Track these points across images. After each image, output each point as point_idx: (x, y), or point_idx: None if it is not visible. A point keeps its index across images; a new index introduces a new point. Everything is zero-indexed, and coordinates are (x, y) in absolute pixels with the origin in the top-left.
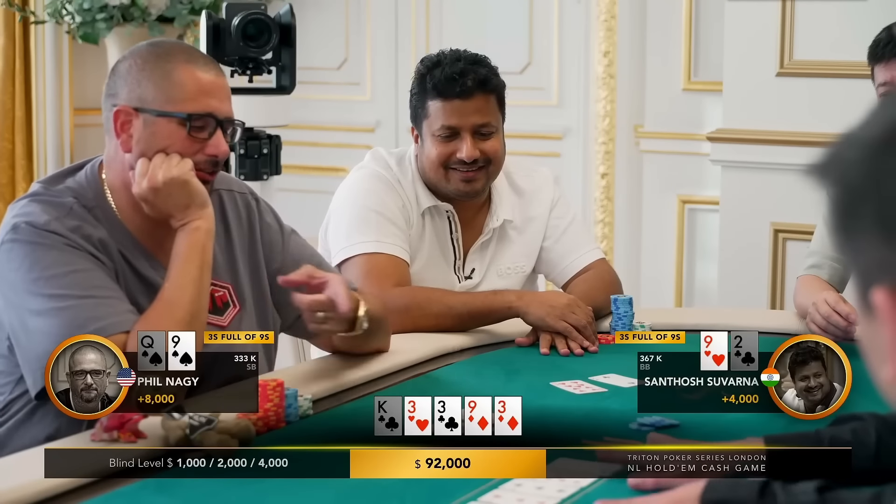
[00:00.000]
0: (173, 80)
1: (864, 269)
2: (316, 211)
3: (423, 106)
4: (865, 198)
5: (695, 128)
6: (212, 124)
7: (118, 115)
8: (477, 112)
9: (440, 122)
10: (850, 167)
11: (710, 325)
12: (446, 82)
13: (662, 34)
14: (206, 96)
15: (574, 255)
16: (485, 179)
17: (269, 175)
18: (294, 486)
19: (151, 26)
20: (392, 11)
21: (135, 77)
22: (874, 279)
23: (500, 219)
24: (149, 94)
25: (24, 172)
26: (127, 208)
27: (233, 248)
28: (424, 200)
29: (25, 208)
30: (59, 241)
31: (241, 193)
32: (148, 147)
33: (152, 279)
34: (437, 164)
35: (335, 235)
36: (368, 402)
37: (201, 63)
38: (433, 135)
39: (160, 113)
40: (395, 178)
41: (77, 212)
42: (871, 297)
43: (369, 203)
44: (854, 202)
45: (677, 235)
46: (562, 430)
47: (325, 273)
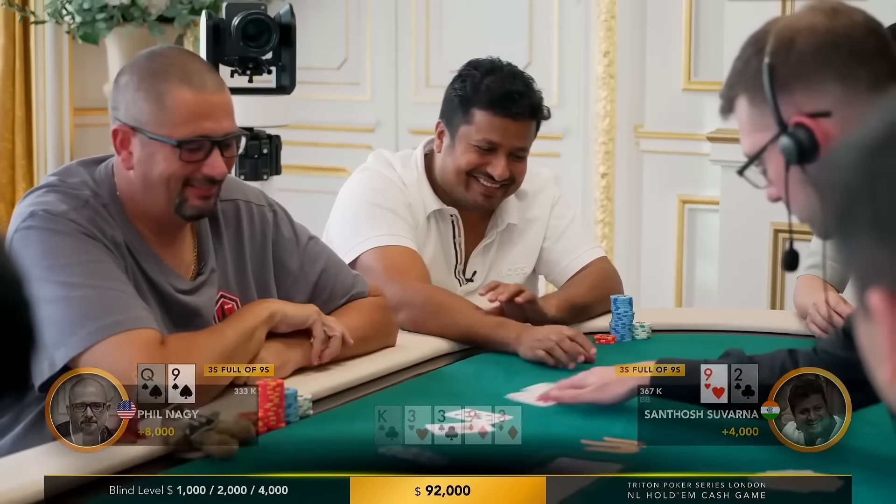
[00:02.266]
0: (165, 103)
1: (860, 270)
2: (316, 211)
3: (467, 111)
4: (861, 200)
5: (695, 128)
6: (206, 146)
7: (116, 133)
8: (521, 136)
9: (483, 134)
10: (845, 170)
11: (710, 325)
12: (504, 98)
13: (662, 34)
14: (198, 119)
15: (574, 254)
16: (502, 197)
17: (269, 175)
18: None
19: (151, 26)
20: (392, 11)
21: (131, 95)
22: (870, 280)
23: (503, 223)
24: (143, 115)
25: (24, 172)
26: (136, 212)
27: (244, 260)
28: (430, 204)
29: (42, 197)
30: (77, 229)
31: (258, 206)
32: (147, 169)
33: (160, 283)
34: (463, 170)
35: (342, 235)
36: (368, 403)
37: (196, 82)
38: (470, 143)
39: (153, 136)
40: (399, 179)
41: (93, 205)
42: (867, 299)
43: (377, 200)
44: (850, 204)
45: (677, 235)
46: (562, 431)
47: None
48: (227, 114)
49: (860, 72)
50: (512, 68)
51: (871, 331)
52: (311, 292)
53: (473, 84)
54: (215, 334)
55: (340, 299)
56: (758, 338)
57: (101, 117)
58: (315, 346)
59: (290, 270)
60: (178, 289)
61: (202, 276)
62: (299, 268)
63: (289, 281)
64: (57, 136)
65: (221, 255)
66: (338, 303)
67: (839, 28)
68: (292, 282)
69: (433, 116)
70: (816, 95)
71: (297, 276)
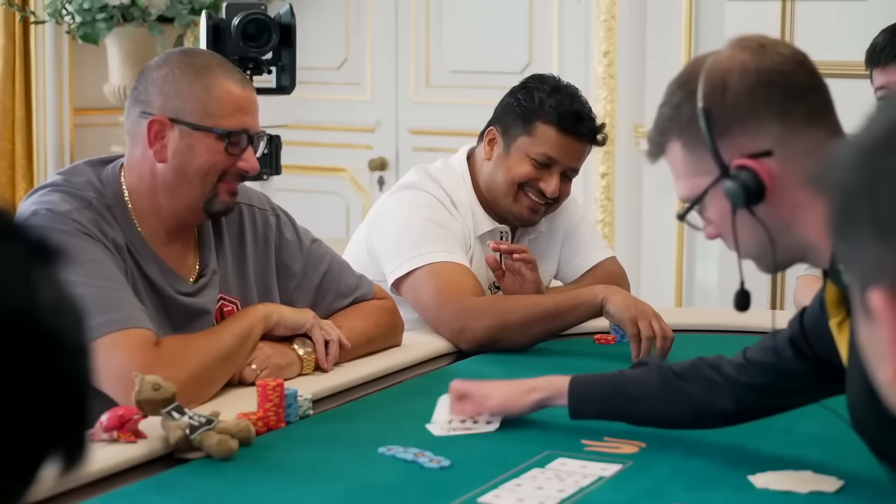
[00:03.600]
0: (213, 94)
1: (861, 271)
2: (316, 211)
3: (530, 123)
4: (860, 200)
5: None
6: (244, 140)
7: (153, 124)
8: (578, 156)
9: (545, 149)
10: (845, 171)
11: (710, 325)
12: (574, 118)
13: (662, 34)
14: (241, 113)
15: (583, 254)
16: (544, 214)
17: (269, 175)
18: (295, 486)
19: (151, 26)
20: (392, 11)
21: (172, 87)
22: (871, 280)
23: (537, 230)
24: (187, 106)
25: (23, 172)
26: (144, 213)
27: (246, 264)
28: (482, 224)
29: (45, 196)
30: (78, 229)
31: (261, 210)
32: (185, 160)
33: (160, 285)
34: (515, 182)
35: (388, 250)
36: (368, 403)
37: (237, 78)
38: (528, 155)
39: (197, 126)
40: (450, 202)
41: (96, 207)
42: (868, 299)
43: (432, 216)
44: (850, 205)
45: (677, 235)
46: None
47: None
48: (258, 112)
49: (797, 109)
50: (576, 90)
51: (871, 331)
52: (314, 294)
53: (541, 100)
54: (211, 336)
55: (344, 300)
56: (758, 338)
57: (101, 117)
58: (318, 350)
59: (293, 273)
60: (180, 291)
61: (204, 278)
62: (303, 271)
63: (293, 284)
64: (57, 136)
65: (223, 257)
66: (342, 304)
67: (769, 65)
68: (296, 284)
69: (433, 116)
70: (756, 136)
71: (300, 279)
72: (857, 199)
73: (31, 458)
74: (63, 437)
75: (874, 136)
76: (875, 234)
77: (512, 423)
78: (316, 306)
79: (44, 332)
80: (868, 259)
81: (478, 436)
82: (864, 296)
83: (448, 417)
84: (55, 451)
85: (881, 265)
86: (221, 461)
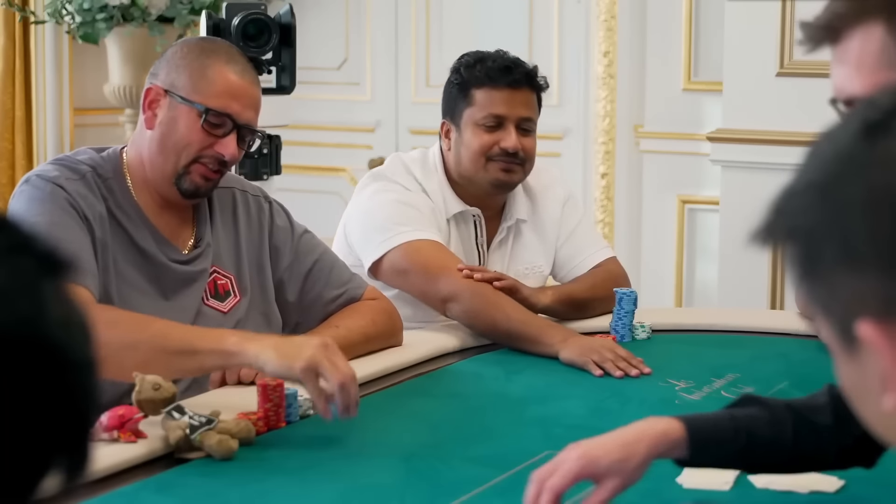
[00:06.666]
0: (206, 73)
1: (840, 308)
2: (316, 211)
3: (465, 96)
4: (826, 238)
5: (695, 128)
6: (228, 125)
7: (149, 92)
8: (524, 105)
9: (487, 110)
10: (804, 214)
11: (710, 325)
12: (499, 71)
13: (662, 34)
14: (229, 97)
15: (583, 254)
16: (521, 174)
17: (269, 175)
18: (295, 486)
19: (151, 26)
20: (392, 11)
21: (175, 62)
22: (854, 314)
23: (513, 217)
24: (181, 80)
25: (23, 172)
26: (139, 184)
27: (239, 242)
28: (452, 206)
29: (42, 167)
30: (60, 194)
31: (254, 196)
32: (167, 130)
33: (151, 252)
34: (478, 153)
35: (364, 235)
36: (368, 403)
37: (239, 68)
38: (476, 124)
39: (183, 99)
40: (420, 189)
41: (89, 180)
42: (854, 334)
43: (403, 198)
44: (814, 245)
45: (677, 235)
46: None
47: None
48: (255, 107)
49: None
50: (502, 51)
51: (856, 368)
52: (303, 281)
53: (468, 68)
54: (152, 324)
55: (334, 291)
56: (758, 338)
57: (101, 117)
58: (317, 405)
59: (283, 255)
60: (172, 258)
61: (198, 248)
62: (293, 256)
63: (282, 265)
64: (57, 136)
65: (217, 233)
66: (332, 293)
67: None
68: (285, 267)
69: (433, 116)
70: None
71: (290, 263)
72: (823, 239)
73: (33, 471)
74: (66, 450)
75: (827, 172)
76: (846, 267)
77: (512, 423)
78: (305, 294)
79: (51, 346)
80: (845, 293)
81: (478, 436)
82: (847, 332)
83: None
84: (58, 464)
85: (861, 296)
86: (221, 461)
